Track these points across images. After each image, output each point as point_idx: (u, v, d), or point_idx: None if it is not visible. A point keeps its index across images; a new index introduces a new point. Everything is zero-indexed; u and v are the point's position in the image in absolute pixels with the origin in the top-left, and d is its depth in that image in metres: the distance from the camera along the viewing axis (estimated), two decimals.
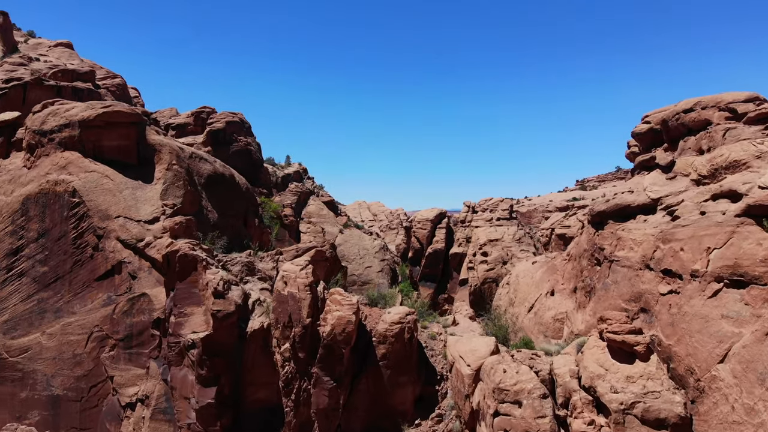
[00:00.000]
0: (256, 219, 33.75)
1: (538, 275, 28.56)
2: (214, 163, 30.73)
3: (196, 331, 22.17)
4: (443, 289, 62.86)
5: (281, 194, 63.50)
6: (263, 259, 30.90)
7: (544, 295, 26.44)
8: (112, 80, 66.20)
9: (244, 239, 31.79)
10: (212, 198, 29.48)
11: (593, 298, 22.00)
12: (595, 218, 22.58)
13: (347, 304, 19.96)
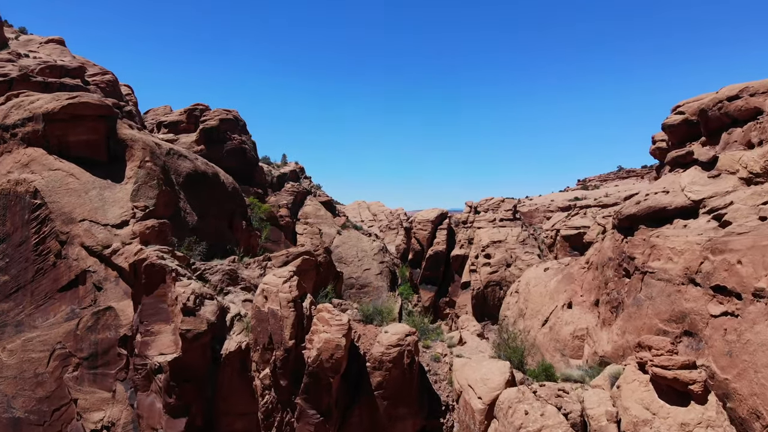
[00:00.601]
0: (244, 221, 30.42)
1: (552, 285, 25.20)
2: (195, 161, 27.39)
3: (163, 352, 18.86)
4: (444, 292, 59.51)
5: (277, 194, 60.18)
6: (249, 265, 27.59)
7: (560, 308, 23.08)
8: (102, 77, 62.73)
9: (230, 244, 28.47)
10: (192, 199, 26.16)
11: (622, 314, 18.63)
12: (624, 222, 19.21)
13: (336, 325, 16.63)
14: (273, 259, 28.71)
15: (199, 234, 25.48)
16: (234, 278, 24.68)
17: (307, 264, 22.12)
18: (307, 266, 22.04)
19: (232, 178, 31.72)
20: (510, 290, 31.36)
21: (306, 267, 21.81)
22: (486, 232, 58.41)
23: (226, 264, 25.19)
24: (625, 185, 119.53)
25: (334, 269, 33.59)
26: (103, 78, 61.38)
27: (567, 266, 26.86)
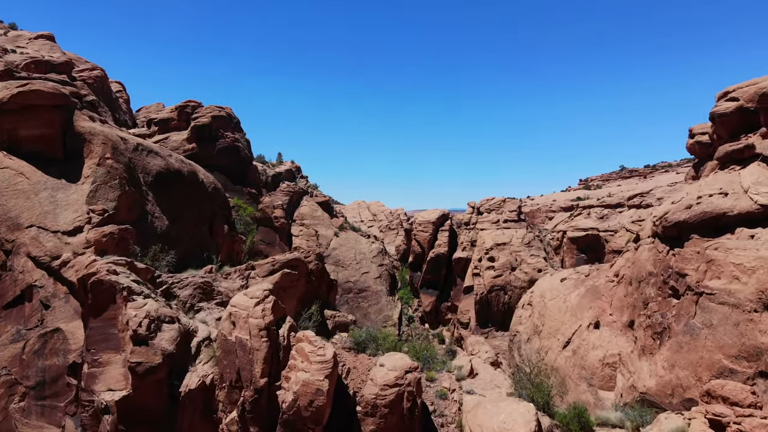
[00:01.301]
0: (226, 225, 26.75)
1: (573, 299, 21.48)
2: (167, 158, 23.70)
3: (112, 388, 15.20)
4: (446, 296, 55.80)
5: (271, 194, 56.44)
6: (229, 276, 23.92)
7: (585, 328, 19.36)
8: (91, 72, 58.88)
9: (209, 251, 24.80)
10: (163, 201, 22.49)
11: (668, 343, 14.91)
12: (670, 231, 15.48)
13: (318, 362, 12.96)
14: (257, 267, 25.07)
15: (169, 241, 21.81)
16: (208, 292, 21.01)
17: (289, 279, 18.32)
18: (289, 281, 18.28)
19: (213, 177, 28.03)
20: (521, 302, 27.61)
21: (287, 283, 18.05)
22: (489, 234, 54.68)
23: (200, 276, 21.53)
24: (627, 185, 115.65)
25: (328, 277, 29.94)
26: (91, 74, 57.59)
27: (588, 277, 23.13)
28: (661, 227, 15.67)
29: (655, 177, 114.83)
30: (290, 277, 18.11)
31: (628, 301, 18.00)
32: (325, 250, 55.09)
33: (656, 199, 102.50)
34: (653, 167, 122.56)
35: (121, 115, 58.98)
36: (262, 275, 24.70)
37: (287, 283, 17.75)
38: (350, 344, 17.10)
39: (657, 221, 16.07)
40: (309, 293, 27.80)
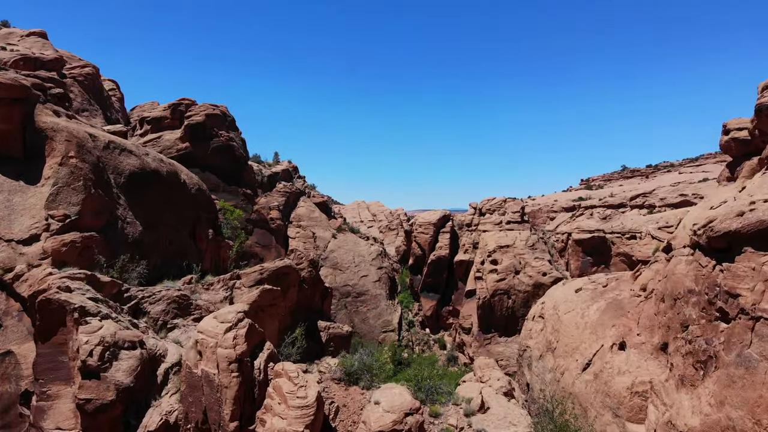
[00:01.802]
0: (211, 230, 24.26)
1: (592, 314, 18.97)
2: (143, 156, 21.20)
3: (61, 427, 12.73)
4: (448, 300, 53.31)
5: (267, 195, 53.97)
6: (212, 286, 21.41)
7: (608, 349, 16.87)
8: (81, 69, 56.32)
9: (191, 258, 22.32)
10: (137, 204, 20.00)
11: (715, 374, 12.41)
12: (717, 242, 12.97)
13: (298, 407, 10.48)
14: (243, 276, 22.58)
15: (143, 249, 19.31)
16: (185, 306, 18.50)
17: (271, 296, 15.70)
18: (270, 298, 15.68)
19: (197, 178, 25.53)
20: (532, 313, 25.09)
21: (268, 300, 15.45)
22: (492, 236, 52.15)
23: (179, 287, 19.03)
24: (630, 185, 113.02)
25: (322, 285, 27.47)
26: (81, 71, 55.06)
27: (606, 288, 20.61)
28: (705, 237, 13.16)
29: (658, 177, 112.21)
30: (272, 294, 15.53)
31: (659, 320, 15.49)
32: (322, 253, 52.64)
33: (659, 199, 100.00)
34: (655, 167, 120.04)
35: (113, 114, 56.50)
36: (248, 285, 22.22)
37: (268, 301, 15.19)
38: (340, 374, 14.56)
39: (699, 230, 13.53)
40: (301, 303, 25.34)
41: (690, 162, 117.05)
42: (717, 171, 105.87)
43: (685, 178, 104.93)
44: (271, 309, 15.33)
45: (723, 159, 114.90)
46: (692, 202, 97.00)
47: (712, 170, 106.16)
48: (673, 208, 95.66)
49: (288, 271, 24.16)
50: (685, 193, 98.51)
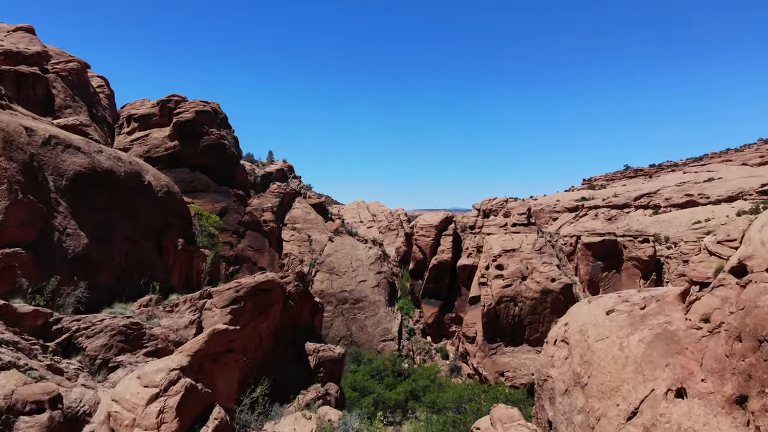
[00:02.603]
0: (181, 239, 20.51)
1: (634, 346, 15.20)
2: (94, 154, 17.43)
3: None
4: (450, 307, 49.57)
5: (260, 196, 50.19)
6: (176, 308, 17.66)
7: (661, 396, 13.09)
8: (66, 64, 52.25)
9: (153, 275, 18.55)
10: (84, 212, 16.25)
11: None
12: None
13: None
14: (215, 295, 18.87)
15: (89, 266, 15.57)
16: (135, 338, 14.74)
17: (225, 339, 11.55)
18: (225, 341, 11.63)
19: (167, 180, 21.75)
20: (552, 336, 21.28)
21: (222, 346, 11.46)
22: (497, 239, 48.37)
23: (126, 314, 15.25)
24: (633, 184, 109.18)
25: (311, 300, 23.68)
26: (66, 66, 51.09)
27: (647, 313, 16.81)
28: None
29: (661, 176, 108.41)
30: (228, 337, 11.64)
31: (734, 364, 11.73)
32: (318, 257, 48.92)
33: (664, 199, 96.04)
34: (659, 167, 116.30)
35: (100, 111, 52.67)
36: (221, 305, 18.47)
37: (223, 345, 11.32)
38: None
39: None
40: (286, 322, 21.57)
41: (694, 161, 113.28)
42: (722, 171, 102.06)
43: (690, 177, 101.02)
44: (229, 357, 11.51)
45: (728, 159, 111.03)
46: (698, 202, 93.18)
47: (718, 170, 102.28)
48: (678, 208, 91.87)
49: (270, 287, 20.38)
50: (691, 193, 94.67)
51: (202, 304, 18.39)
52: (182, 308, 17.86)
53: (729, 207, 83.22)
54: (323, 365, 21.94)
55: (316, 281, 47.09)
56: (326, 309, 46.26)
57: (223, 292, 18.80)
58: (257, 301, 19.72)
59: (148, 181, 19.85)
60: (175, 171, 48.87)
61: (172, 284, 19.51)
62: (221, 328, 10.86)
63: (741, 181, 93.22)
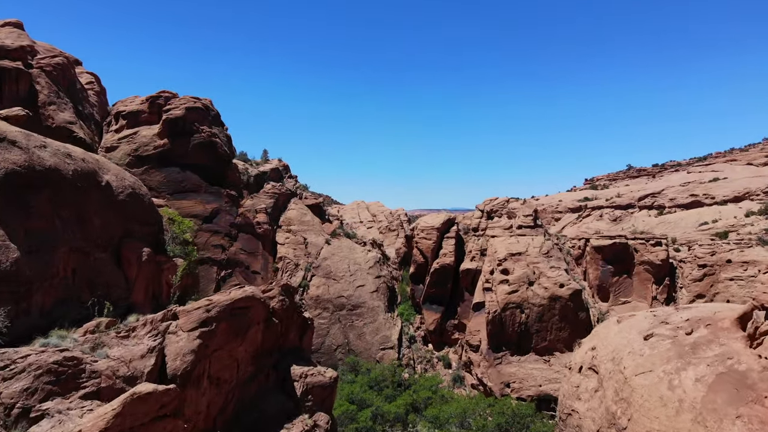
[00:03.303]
0: (146, 248, 17.40)
1: (690, 387, 12.07)
2: (35, 150, 14.32)
3: None
4: (453, 313, 46.45)
5: (254, 196, 47.07)
6: (132, 332, 14.61)
7: None
8: (51, 59, 49.02)
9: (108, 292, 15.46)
10: (17, 217, 13.16)
11: None
12: None
13: None
14: (182, 316, 15.83)
15: (20, 284, 12.49)
16: (71, 377, 11.69)
17: (154, 406, 8.25)
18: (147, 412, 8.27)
19: (133, 179, 18.62)
20: (576, 361, 18.15)
21: (142, 417, 8.16)
22: (502, 242, 45.22)
23: (59, 347, 12.17)
24: (636, 184, 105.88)
25: (299, 317, 20.55)
26: (51, 61, 47.91)
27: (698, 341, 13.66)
28: None
29: (665, 176, 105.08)
30: (157, 402, 8.39)
31: None
32: (314, 260, 45.83)
33: (669, 200, 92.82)
34: (662, 166, 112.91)
35: (87, 108, 49.58)
36: (188, 328, 15.40)
37: (148, 415, 8.06)
38: None
39: None
40: (269, 344, 18.46)
41: (698, 161, 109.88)
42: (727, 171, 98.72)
43: (694, 177, 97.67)
44: (162, 426, 8.28)
45: (733, 158, 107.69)
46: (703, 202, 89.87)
47: (722, 170, 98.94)
48: (683, 209, 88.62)
49: (249, 304, 17.29)
50: (696, 193, 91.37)
51: (165, 326, 15.30)
52: (140, 333, 14.77)
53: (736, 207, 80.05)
54: (312, 392, 18.82)
55: (311, 286, 44.02)
56: (322, 316, 43.21)
57: (190, 313, 15.70)
58: (233, 322, 16.63)
59: (106, 181, 16.73)
60: (165, 170, 45.84)
61: (133, 302, 16.42)
62: (145, 391, 7.67)
63: (747, 181, 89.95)
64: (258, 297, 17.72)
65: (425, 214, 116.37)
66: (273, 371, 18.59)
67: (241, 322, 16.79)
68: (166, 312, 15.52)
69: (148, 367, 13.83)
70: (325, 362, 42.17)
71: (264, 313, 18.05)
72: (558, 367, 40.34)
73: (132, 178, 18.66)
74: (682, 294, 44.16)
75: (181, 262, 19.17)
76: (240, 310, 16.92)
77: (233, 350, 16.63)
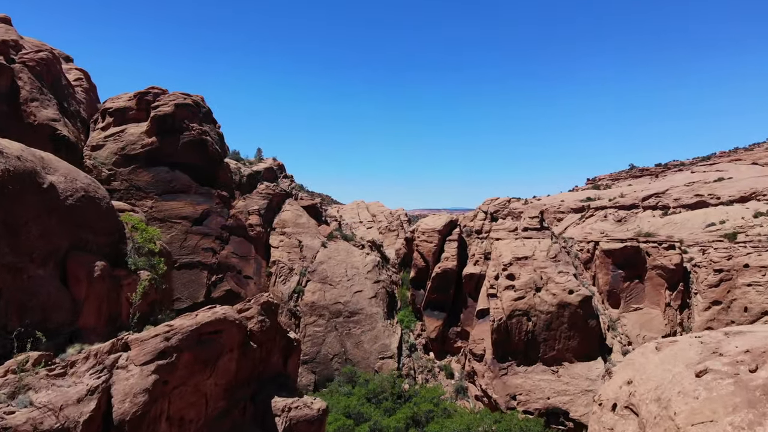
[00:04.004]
0: (100, 263, 14.47)
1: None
2: None
3: None
4: (455, 320, 43.53)
5: (246, 197, 44.14)
6: (71, 368, 11.77)
7: None
8: (36, 54, 45.85)
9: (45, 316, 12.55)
10: None
11: None
12: None
13: None
14: (134, 346, 12.95)
15: None
16: None
17: None
18: None
19: (88, 181, 15.70)
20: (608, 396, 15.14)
21: None
22: (507, 245, 42.28)
23: None
24: (639, 184, 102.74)
25: (282, 338, 17.60)
26: (35, 56, 44.83)
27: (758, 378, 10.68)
28: None
29: (668, 176, 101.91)
30: None
31: None
32: (309, 264, 42.93)
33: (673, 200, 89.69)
34: (665, 166, 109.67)
35: (73, 105, 46.61)
36: (141, 361, 12.53)
37: None
38: None
39: None
40: (245, 373, 15.51)
41: (702, 161, 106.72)
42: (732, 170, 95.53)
43: (698, 177, 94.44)
44: None
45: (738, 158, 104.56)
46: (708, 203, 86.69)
47: (727, 169, 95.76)
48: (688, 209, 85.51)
49: (221, 328, 14.38)
50: (701, 193, 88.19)
51: (113, 360, 12.41)
52: (80, 369, 11.90)
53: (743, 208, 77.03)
54: (296, 428, 15.87)
55: (307, 292, 41.11)
56: (318, 323, 40.34)
57: (145, 342, 12.79)
58: (200, 351, 13.68)
59: (50, 183, 13.80)
60: (153, 170, 42.95)
61: (80, 327, 13.50)
62: None
63: (753, 180, 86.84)
64: (232, 319, 14.80)
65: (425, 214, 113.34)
66: (250, 404, 15.67)
67: (210, 351, 13.87)
68: (114, 342, 12.61)
69: (85, 415, 10.94)
70: (320, 372, 39.34)
71: (239, 337, 15.13)
72: (567, 378, 37.47)
73: (87, 179, 15.72)
74: (697, 300, 41.21)
75: (147, 274, 16.23)
76: (209, 335, 14.01)
77: (200, 384, 13.72)
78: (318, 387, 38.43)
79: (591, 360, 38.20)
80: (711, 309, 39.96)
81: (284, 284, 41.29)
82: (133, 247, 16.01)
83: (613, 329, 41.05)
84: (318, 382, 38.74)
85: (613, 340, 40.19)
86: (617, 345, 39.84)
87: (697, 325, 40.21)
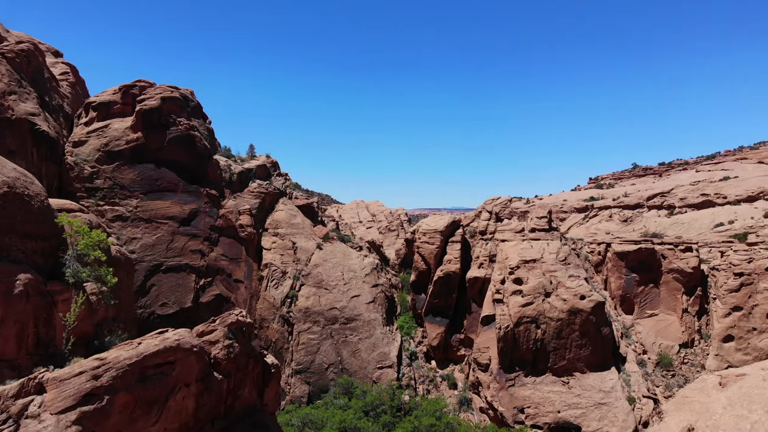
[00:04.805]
0: (25, 275, 11.31)
1: None
2: None
3: None
4: (459, 326, 40.31)
5: (237, 196, 40.96)
6: None
7: None
8: (16, 46, 42.69)
9: None
10: None
11: None
12: None
13: None
14: (50, 388, 9.61)
15: None
16: None
17: None
18: None
19: (16, 173, 12.56)
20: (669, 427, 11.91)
21: None
22: (514, 248, 39.06)
23: None
24: (643, 183, 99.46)
25: (257, 363, 14.39)
26: (15, 47, 41.67)
27: None
28: None
29: (672, 175, 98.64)
30: None
31: None
32: (304, 268, 39.76)
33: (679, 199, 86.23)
34: (669, 165, 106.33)
35: (56, 99, 43.46)
36: (59, 408, 9.39)
37: None
38: None
39: None
40: (208, 411, 12.30)
41: (707, 160, 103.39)
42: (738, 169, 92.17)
43: (704, 176, 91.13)
44: None
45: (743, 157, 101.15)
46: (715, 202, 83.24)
47: (733, 168, 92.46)
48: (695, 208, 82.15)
49: (172, 358, 11.25)
50: (707, 192, 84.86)
51: (20, 407, 9.25)
52: None
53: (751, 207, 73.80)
54: None
55: (300, 297, 37.97)
56: (313, 330, 37.17)
57: (65, 382, 9.61)
58: (144, 390, 10.46)
59: None
60: (138, 167, 39.83)
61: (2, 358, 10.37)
62: None
63: (759, 180, 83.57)
64: (188, 346, 11.62)
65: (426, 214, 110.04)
66: None
67: (157, 388, 10.69)
68: (24, 383, 9.43)
69: None
70: (315, 383, 36.22)
71: (199, 368, 11.95)
72: (578, 390, 34.28)
73: (14, 173, 12.56)
74: (716, 306, 38.01)
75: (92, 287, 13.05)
76: (156, 368, 10.82)
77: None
78: (312, 399, 35.28)
79: (604, 370, 35.03)
80: (731, 315, 36.77)
81: (276, 288, 38.14)
82: (73, 255, 12.83)
83: (626, 337, 37.84)
84: (312, 393, 35.59)
85: (627, 348, 36.97)
86: (632, 354, 36.64)
87: (717, 333, 37.03)
